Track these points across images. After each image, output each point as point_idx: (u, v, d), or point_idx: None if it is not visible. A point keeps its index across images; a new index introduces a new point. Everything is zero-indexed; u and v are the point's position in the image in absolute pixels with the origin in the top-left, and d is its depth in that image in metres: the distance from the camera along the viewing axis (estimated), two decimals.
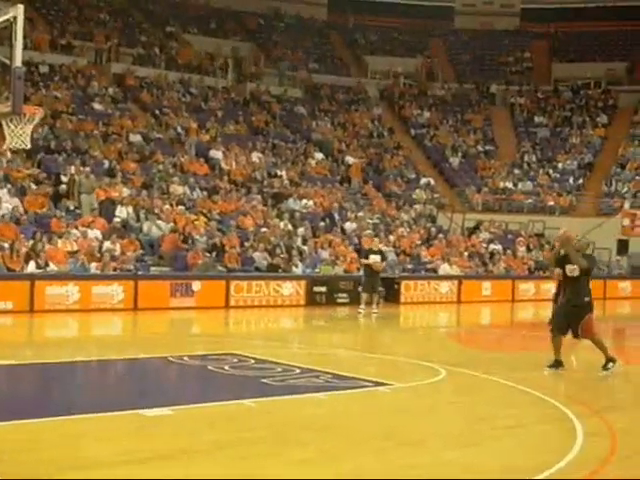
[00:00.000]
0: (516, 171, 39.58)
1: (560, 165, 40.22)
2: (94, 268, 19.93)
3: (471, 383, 10.91)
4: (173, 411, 8.37)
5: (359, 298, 21.68)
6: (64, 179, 23.98)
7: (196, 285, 20.61)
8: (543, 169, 39.70)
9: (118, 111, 31.15)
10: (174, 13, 43.73)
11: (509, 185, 38.13)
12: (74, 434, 7.37)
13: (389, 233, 27.98)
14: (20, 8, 10.49)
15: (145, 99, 33.61)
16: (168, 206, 24.11)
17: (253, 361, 11.85)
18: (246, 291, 21.48)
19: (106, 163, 26.47)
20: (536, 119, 43.89)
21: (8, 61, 10.52)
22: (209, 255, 22.21)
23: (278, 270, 22.80)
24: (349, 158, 35.35)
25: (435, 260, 27.12)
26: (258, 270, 22.75)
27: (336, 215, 28.40)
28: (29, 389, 10.33)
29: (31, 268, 18.93)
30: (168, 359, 12.02)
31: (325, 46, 48.27)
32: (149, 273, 21.11)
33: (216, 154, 30.25)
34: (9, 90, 10.47)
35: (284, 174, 30.94)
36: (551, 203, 36.26)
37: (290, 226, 25.87)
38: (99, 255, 20.40)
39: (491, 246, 30.28)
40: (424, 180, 36.38)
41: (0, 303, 17.76)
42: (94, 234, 21.31)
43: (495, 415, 8.81)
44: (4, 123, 11.09)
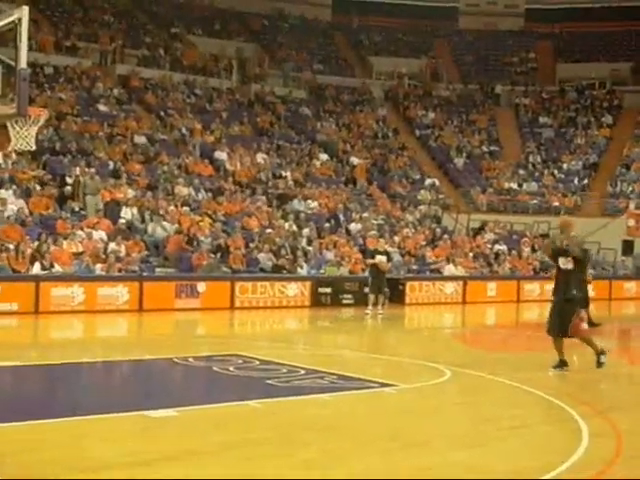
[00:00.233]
0: (521, 172, 39.55)
1: (565, 165, 40.18)
2: (99, 269, 19.95)
3: (476, 384, 10.90)
4: (178, 412, 8.37)
5: (364, 299, 21.68)
6: (69, 180, 24.02)
7: (201, 286, 20.62)
8: (548, 169, 39.67)
9: (123, 112, 31.18)
10: (178, 14, 43.80)
11: (514, 186, 38.10)
12: (79, 435, 7.38)
13: (394, 234, 27.94)
14: (25, 10, 10.50)
15: (150, 100, 33.63)
16: (173, 207, 24.12)
17: (258, 362, 11.85)
18: (251, 292, 21.48)
19: (111, 164, 26.50)
20: (541, 119, 43.85)
21: (13, 63, 10.52)
22: (214, 256, 22.22)
23: (283, 271, 22.80)
24: (354, 159, 35.35)
25: (440, 261, 27.09)
26: (263, 271, 22.75)
27: (341, 216, 28.39)
28: (34, 390, 10.33)
29: (36, 269, 18.95)
30: (173, 360, 12.03)
31: (329, 47, 48.28)
32: (154, 274, 21.13)
33: (221, 155, 30.27)
34: (14, 92, 10.48)
35: (289, 175, 30.95)
36: (556, 204, 36.20)
37: (295, 227, 25.87)
38: (104, 256, 20.41)
39: (496, 247, 30.25)
40: (429, 181, 36.37)
41: (5, 304, 17.78)
42: (99, 235, 21.33)
43: (500, 416, 8.80)
44: (9, 125, 11.10)
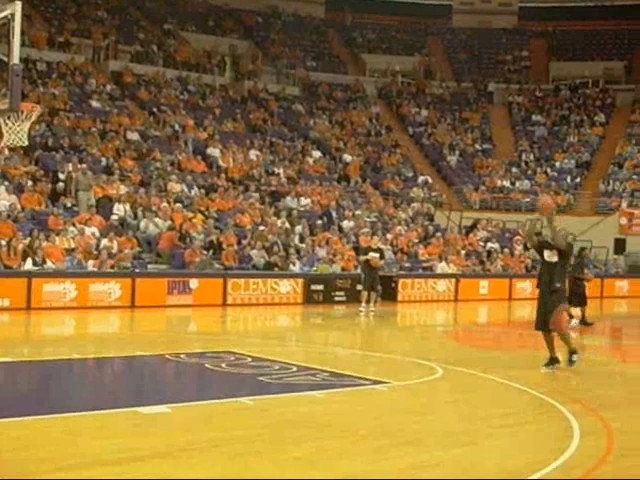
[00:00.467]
0: (514, 170, 39.64)
1: (558, 164, 40.28)
2: (91, 265, 19.94)
3: (468, 382, 10.91)
4: (170, 409, 8.37)
5: (356, 296, 21.71)
6: (61, 176, 23.99)
7: (193, 283, 20.62)
8: (541, 168, 39.76)
9: (116, 109, 31.14)
10: (172, 11, 43.74)
11: (507, 184, 38.18)
12: (71, 432, 7.37)
13: (387, 231, 27.99)
14: (18, 5, 10.47)
15: (143, 97, 33.59)
16: (165, 204, 24.09)
17: (250, 359, 11.85)
18: (243, 289, 21.48)
19: (103, 160, 26.47)
20: (534, 118, 43.94)
21: (6, 58, 10.49)
22: (206, 253, 22.22)
23: (275, 268, 22.80)
24: (347, 156, 35.37)
25: (432, 258, 27.14)
26: (255, 268, 22.75)
27: (334, 213, 28.40)
28: (26, 387, 10.31)
29: (28, 265, 18.93)
30: (165, 357, 12.02)
31: (323, 44, 48.27)
32: (146, 271, 21.11)
33: (214, 152, 30.26)
34: (6, 87, 10.45)
35: (282, 172, 30.95)
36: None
37: (288, 224, 25.87)
38: (96, 253, 20.40)
39: (488, 244, 30.31)
40: (422, 178, 36.42)
41: None
42: (91, 231, 21.31)
43: (492, 414, 8.81)
44: (1, 120, 11.07)
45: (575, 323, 19.14)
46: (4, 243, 19.18)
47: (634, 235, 34.65)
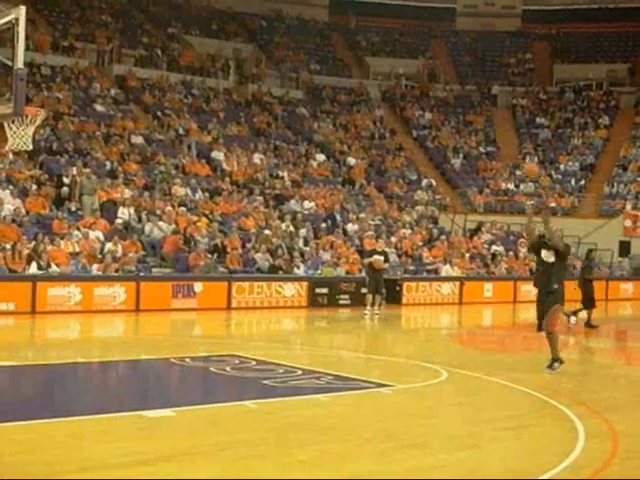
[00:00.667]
0: (518, 172, 39.59)
1: (562, 166, 40.23)
2: (96, 269, 19.95)
3: (473, 384, 10.90)
4: (175, 412, 8.37)
5: (361, 300, 21.68)
6: (66, 180, 24.02)
7: (198, 286, 20.61)
8: (545, 170, 39.70)
9: (120, 112, 31.18)
10: (176, 15, 43.80)
11: (511, 186, 38.14)
12: (76, 435, 7.37)
13: (391, 234, 27.97)
14: (22, 9, 10.47)
15: (147, 100, 33.63)
16: (170, 207, 24.10)
17: (255, 362, 11.85)
18: (248, 292, 21.48)
19: (108, 164, 26.50)
20: (538, 120, 43.91)
21: (10, 62, 10.50)
22: (211, 256, 22.21)
23: (280, 271, 22.80)
24: (351, 159, 35.38)
25: (437, 261, 27.12)
26: (260, 271, 22.75)
27: (338, 216, 28.39)
28: (31, 390, 10.33)
29: (33, 269, 18.94)
30: (170, 360, 12.03)
31: (327, 47, 48.31)
32: (151, 274, 21.10)
33: (218, 155, 30.28)
34: (11, 92, 10.46)
35: (286, 175, 30.96)
36: (553, 204, 36.23)
37: (292, 227, 25.86)
38: (101, 256, 20.41)
39: (493, 247, 30.29)
40: (426, 181, 36.41)
41: (2, 304, 17.76)
42: (96, 235, 21.32)
43: (497, 416, 8.80)
44: (6, 125, 11.08)
45: (574, 321, 19.19)
46: (9, 247, 19.20)
47: (639, 237, 34.61)
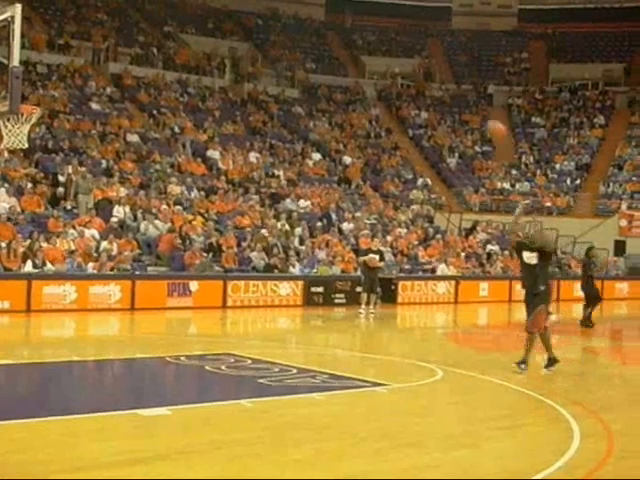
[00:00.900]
0: (513, 172, 39.64)
1: (557, 166, 40.29)
2: (91, 268, 19.92)
3: (468, 384, 10.91)
4: (170, 411, 8.37)
5: (356, 298, 21.68)
6: (61, 179, 23.97)
7: (193, 285, 20.60)
8: (540, 170, 39.77)
9: (115, 111, 31.14)
10: (172, 13, 43.75)
11: (506, 186, 38.19)
12: (71, 434, 7.36)
13: (386, 233, 27.95)
14: (18, 7, 10.46)
15: (142, 99, 33.59)
16: (165, 206, 24.08)
17: (250, 361, 11.85)
18: (243, 291, 21.46)
19: (103, 163, 26.47)
20: (533, 120, 43.96)
21: (5, 60, 10.49)
22: (206, 255, 22.20)
23: (275, 270, 22.80)
24: (346, 158, 35.37)
25: (432, 260, 27.13)
26: (255, 270, 22.74)
27: (333, 215, 28.38)
28: (26, 389, 10.31)
29: (28, 268, 18.91)
30: (165, 359, 12.02)
31: (323, 46, 48.30)
32: (146, 273, 21.09)
33: (214, 154, 30.25)
34: (6, 90, 10.44)
35: (281, 174, 30.94)
36: (548, 204, 36.29)
37: (287, 226, 25.85)
38: (96, 255, 20.38)
39: (488, 247, 30.31)
40: (421, 180, 36.42)
41: None
42: (91, 234, 21.29)
43: (492, 416, 8.81)
44: (1, 123, 11.06)
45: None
46: (4, 245, 19.16)
47: (634, 237, 34.65)
